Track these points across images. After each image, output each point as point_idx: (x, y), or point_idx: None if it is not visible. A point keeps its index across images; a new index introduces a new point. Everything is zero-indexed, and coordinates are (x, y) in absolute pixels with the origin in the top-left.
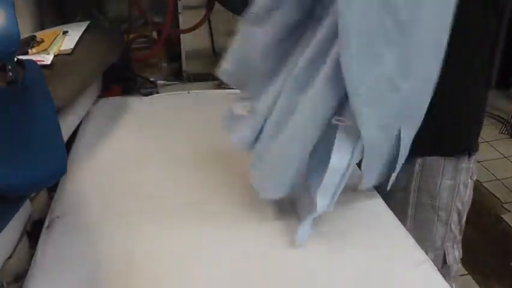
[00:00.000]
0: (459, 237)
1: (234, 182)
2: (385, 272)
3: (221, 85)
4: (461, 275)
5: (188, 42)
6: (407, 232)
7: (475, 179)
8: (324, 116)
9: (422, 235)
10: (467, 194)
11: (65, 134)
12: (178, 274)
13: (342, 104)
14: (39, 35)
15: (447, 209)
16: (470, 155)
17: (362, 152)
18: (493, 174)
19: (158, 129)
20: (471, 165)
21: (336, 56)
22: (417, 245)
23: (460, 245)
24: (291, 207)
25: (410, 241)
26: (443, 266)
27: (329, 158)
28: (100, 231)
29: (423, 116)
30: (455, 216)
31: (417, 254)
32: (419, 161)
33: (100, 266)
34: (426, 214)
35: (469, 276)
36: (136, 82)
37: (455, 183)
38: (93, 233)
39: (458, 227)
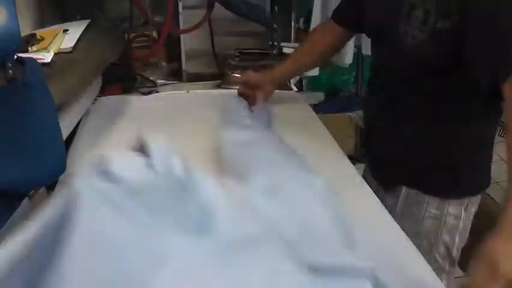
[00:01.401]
0: (449, 269)
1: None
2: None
3: (220, 85)
4: (458, 277)
5: (189, 42)
6: (407, 238)
7: (473, 211)
8: None
9: None
10: (461, 227)
11: (64, 133)
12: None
13: None
14: (40, 33)
15: (430, 238)
16: (462, 196)
17: None
18: (492, 177)
19: (157, 128)
20: (465, 200)
21: None
22: (418, 251)
23: (452, 277)
24: None
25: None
26: None
27: None
28: None
29: None
30: (441, 249)
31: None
32: (404, 187)
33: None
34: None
35: None
36: (135, 81)
37: (441, 213)
38: None
39: (448, 261)
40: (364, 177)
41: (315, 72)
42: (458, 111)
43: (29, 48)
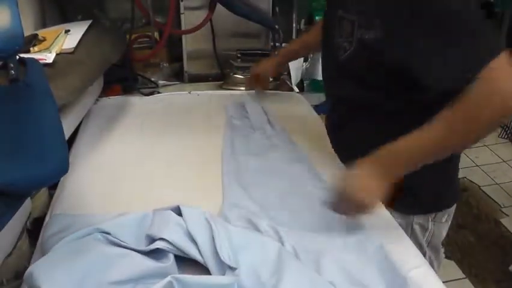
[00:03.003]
0: None
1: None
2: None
3: (222, 86)
4: (459, 279)
5: (190, 42)
6: (408, 239)
7: (445, 220)
8: None
9: None
10: (430, 236)
11: (66, 133)
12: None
13: None
14: (41, 33)
15: None
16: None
17: None
18: (492, 179)
19: (158, 128)
20: (431, 214)
21: None
22: (418, 251)
23: None
24: None
25: (412, 247)
26: None
27: None
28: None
29: None
30: None
31: (417, 258)
32: None
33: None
34: None
35: (466, 280)
36: (137, 82)
37: (406, 222)
38: None
39: None
40: None
41: None
42: (405, 131)
43: (31, 48)
